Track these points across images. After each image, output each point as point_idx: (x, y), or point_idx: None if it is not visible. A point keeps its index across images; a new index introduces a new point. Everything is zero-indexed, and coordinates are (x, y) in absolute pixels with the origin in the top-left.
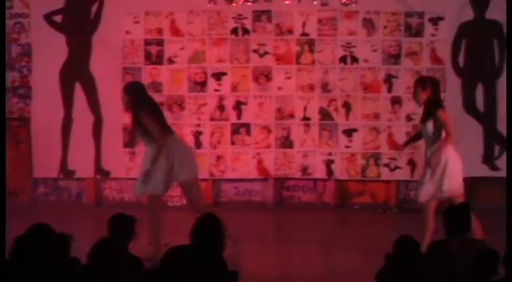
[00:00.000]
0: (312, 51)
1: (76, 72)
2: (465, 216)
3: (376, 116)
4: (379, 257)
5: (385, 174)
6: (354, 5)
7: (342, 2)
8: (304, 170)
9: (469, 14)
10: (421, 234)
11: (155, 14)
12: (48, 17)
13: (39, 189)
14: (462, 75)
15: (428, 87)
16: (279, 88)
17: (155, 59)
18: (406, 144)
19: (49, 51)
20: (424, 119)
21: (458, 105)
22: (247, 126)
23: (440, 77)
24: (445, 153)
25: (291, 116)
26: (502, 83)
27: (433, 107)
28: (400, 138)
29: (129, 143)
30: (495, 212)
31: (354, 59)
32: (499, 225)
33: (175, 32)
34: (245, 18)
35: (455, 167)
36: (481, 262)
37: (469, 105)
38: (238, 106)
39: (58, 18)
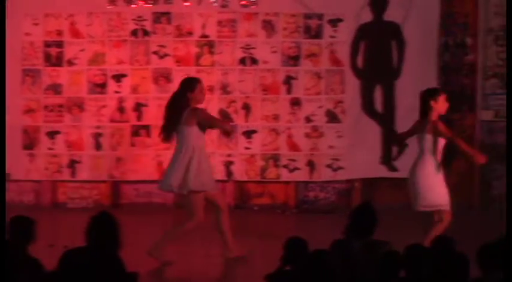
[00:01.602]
0: (211, 52)
1: None
2: (369, 218)
3: (276, 117)
4: (278, 258)
5: (284, 176)
6: (253, 6)
7: (241, 3)
8: None
9: (367, 16)
10: (324, 234)
11: (55, 16)
12: None
13: None
14: (361, 77)
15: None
16: None
17: (55, 60)
18: None
19: None
20: None
21: (357, 106)
22: (147, 128)
23: (339, 78)
24: None
25: None
26: (400, 84)
27: None
28: (300, 139)
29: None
30: (394, 212)
31: (254, 61)
32: (398, 225)
33: (75, 33)
34: (145, 20)
35: None
36: (384, 264)
37: (367, 106)
38: (138, 108)
39: None
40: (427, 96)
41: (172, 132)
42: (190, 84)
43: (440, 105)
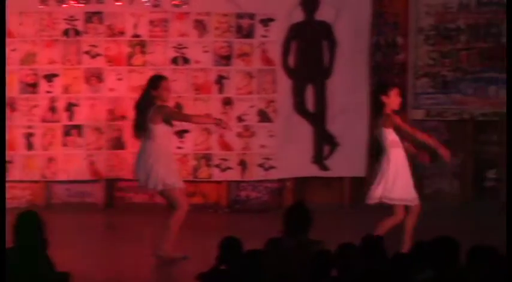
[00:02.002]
0: (143, 52)
1: None
2: (301, 217)
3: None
4: (211, 258)
5: (216, 175)
6: (185, 6)
7: (173, 3)
8: None
9: (299, 15)
10: (256, 233)
11: None
12: None
13: None
14: (293, 76)
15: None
16: (111, 89)
17: None
18: None
19: None
20: None
21: (288, 105)
22: (78, 127)
23: (271, 78)
24: None
25: (123, 117)
26: (331, 84)
27: None
28: (232, 139)
29: None
30: (325, 211)
31: (185, 60)
32: (330, 224)
33: (7, 33)
34: (76, 19)
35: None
36: (315, 263)
37: (299, 106)
38: (69, 108)
39: None
40: (378, 92)
41: (141, 130)
42: (153, 82)
43: (393, 100)
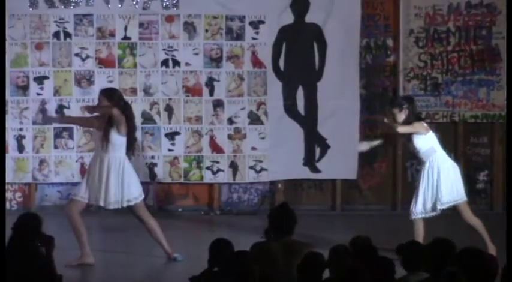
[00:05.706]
0: (134, 54)
1: None
2: (286, 218)
3: (198, 119)
4: (202, 260)
5: (208, 177)
6: (175, 8)
7: (163, 5)
8: None
9: (289, 18)
10: (248, 235)
11: None
12: None
13: None
14: (283, 79)
15: (404, 108)
16: None
17: None
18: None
19: None
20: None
21: (279, 108)
22: (70, 129)
23: (261, 80)
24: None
25: None
26: (321, 86)
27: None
28: (223, 141)
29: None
30: (316, 214)
31: (176, 63)
32: (322, 226)
33: None
34: (67, 21)
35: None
36: (306, 265)
37: (290, 108)
38: (60, 110)
39: None
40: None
41: None
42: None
43: None
